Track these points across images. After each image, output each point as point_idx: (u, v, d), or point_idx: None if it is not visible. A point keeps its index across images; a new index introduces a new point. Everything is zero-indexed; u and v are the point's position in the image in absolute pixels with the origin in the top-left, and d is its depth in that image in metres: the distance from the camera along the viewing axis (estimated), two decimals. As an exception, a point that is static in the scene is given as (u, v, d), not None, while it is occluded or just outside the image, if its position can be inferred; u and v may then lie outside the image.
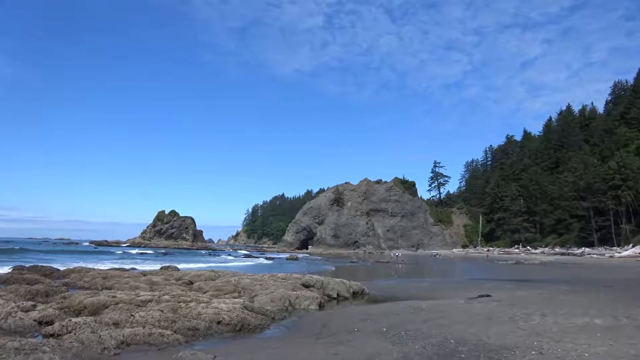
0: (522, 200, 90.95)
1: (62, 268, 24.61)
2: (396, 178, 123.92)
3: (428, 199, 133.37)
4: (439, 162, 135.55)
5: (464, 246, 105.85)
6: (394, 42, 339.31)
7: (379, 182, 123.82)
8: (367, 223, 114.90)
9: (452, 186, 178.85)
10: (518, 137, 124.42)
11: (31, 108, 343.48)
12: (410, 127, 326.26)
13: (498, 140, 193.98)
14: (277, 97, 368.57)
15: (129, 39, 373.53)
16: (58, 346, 7.52)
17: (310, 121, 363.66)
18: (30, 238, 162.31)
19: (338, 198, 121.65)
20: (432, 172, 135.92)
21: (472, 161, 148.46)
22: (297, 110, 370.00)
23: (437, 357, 6.95)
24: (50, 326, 9.40)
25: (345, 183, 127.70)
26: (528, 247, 79.43)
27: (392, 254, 77.92)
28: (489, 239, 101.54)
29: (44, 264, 27.08)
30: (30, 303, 11.43)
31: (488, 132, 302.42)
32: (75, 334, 8.37)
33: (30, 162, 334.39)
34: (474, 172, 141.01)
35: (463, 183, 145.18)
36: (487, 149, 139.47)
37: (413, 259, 67.05)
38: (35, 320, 10.16)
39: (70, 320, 9.39)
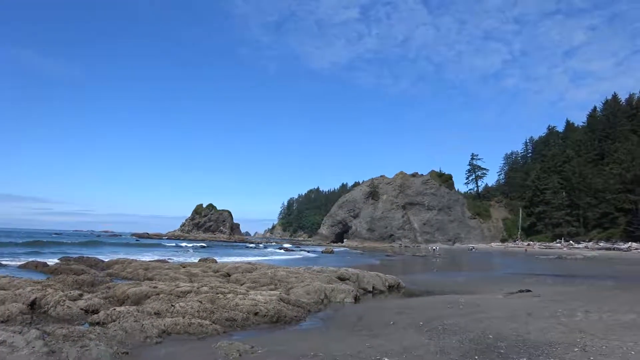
0: (564, 193, 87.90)
1: (106, 259, 25.58)
2: (432, 171, 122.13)
3: (465, 192, 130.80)
4: (477, 155, 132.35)
5: (503, 240, 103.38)
6: (431, 33, 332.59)
7: (414, 175, 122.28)
8: (402, 216, 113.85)
9: (491, 179, 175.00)
10: (560, 128, 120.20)
11: (77, 106, 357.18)
12: (447, 120, 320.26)
13: (539, 132, 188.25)
14: (312, 90, 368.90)
15: (166, 36, 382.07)
16: (103, 334, 7.83)
17: (346, 114, 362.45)
18: (77, 230, 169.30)
19: (373, 191, 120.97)
20: (469, 164, 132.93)
21: (512, 153, 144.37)
22: (333, 104, 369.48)
23: (475, 351, 6.84)
24: (96, 315, 9.80)
25: (381, 176, 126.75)
26: (571, 242, 76.84)
27: (429, 248, 77.04)
28: (530, 233, 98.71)
29: (89, 256, 28.22)
30: (77, 292, 11.95)
31: (528, 123, 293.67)
32: (119, 323, 8.70)
33: (77, 157, 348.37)
34: (513, 165, 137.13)
35: (502, 176, 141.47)
36: (528, 141, 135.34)
37: (450, 253, 66.10)
38: (82, 309, 10.62)
39: (115, 309, 9.76)
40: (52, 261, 23.89)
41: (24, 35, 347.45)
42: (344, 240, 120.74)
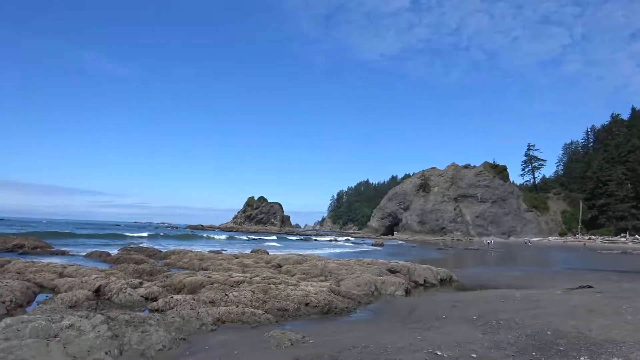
0: (629, 185, 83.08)
1: (163, 250, 26.65)
2: (486, 162, 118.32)
3: (521, 184, 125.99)
4: (534, 145, 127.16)
5: (562, 234, 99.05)
6: (485, 20, 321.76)
7: (467, 166, 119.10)
8: (454, 209, 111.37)
9: (548, 170, 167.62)
10: (625, 116, 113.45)
11: (136, 105, 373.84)
12: (501, 109, 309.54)
13: (601, 120, 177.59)
14: (362, 82, 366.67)
15: (217, 32, 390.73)
16: (162, 320, 8.18)
17: (396, 106, 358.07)
18: (136, 222, 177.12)
19: (424, 183, 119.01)
20: (525, 155, 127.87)
21: (572, 143, 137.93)
22: (383, 95, 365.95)
23: (532, 348, 6.61)
24: (155, 302, 10.25)
25: (432, 168, 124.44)
26: (637, 236, 72.56)
27: (483, 241, 75.08)
28: (591, 226, 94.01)
29: (148, 246, 29.50)
30: (137, 280, 12.54)
31: (589, 111, 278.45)
32: (176, 310, 9.05)
33: (136, 153, 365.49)
34: (573, 155, 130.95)
35: (561, 167, 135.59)
36: (589, 130, 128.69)
37: (505, 247, 64.08)
38: (142, 296, 11.13)
39: (172, 297, 10.17)
40: (113, 251, 25.17)
41: (85, 38, 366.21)
42: (394, 233, 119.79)
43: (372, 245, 61.94)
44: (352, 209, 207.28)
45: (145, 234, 58.21)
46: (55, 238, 40.84)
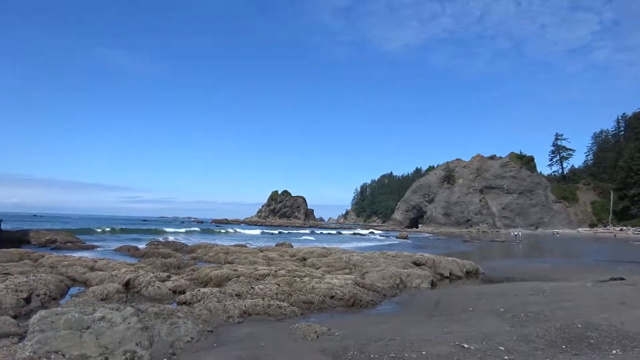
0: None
1: (189, 244, 27.07)
2: (512, 153, 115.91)
3: (548, 175, 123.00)
4: (562, 135, 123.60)
5: (592, 225, 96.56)
6: (511, 7, 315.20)
7: (492, 157, 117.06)
8: (480, 201, 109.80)
9: (577, 160, 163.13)
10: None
11: (161, 102, 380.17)
12: (528, 99, 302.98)
13: (633, 107, 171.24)
14: (384, 74, 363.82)
15: (239, 26, 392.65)
16: (190, 313, 8.33)
17: (419, 97, 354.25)
18: (162, 217, 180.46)
19: (449, 175, 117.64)
20: (553, 145, 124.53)
21: (602, 132, 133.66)
22: (405, 87, 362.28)
23: (562, 341, 6.49)
24: (182, 295, 10.44)
25: (456, 160, 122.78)
26: (671, 227, 70.31)
27: (511, 233, 73.86)
28: (622, 217, 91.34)
29: (174, 240, 30.01)
30: (165, 274, 12.79)
31: (621, 98, 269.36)
32: (204, 303, 9.20)
33: (162, 149, 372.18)
34: (603, 144, 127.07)
35: (590, 156, 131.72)
36: (620, 118, 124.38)
37: (532, 239, 62.94)
38: (170, 289, 11.35)
39: (199, 290, 10.34)
40: (141, 245, 25.71)
41: (111, 36, 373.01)
42: (419, 225, 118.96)
43: (396, 237, 61.66)
44: (375, 202, 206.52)
45: (171, 229, 59.20)
46: (86, 234, 41.94)
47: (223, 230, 65.13)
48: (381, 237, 62.50)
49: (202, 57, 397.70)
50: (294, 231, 75.14)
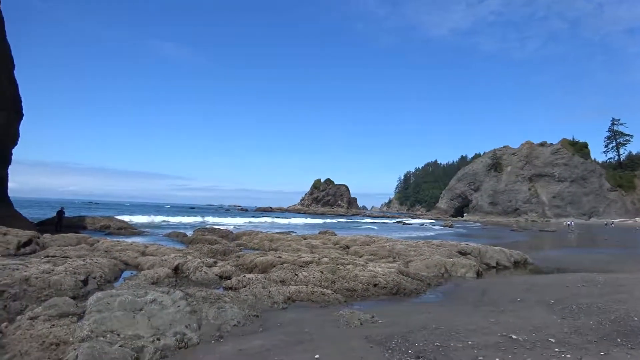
0: None
1: (235, 231, 27.66)
2: (564, 139, 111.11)
3: (603, 162, 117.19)
4: (618, 119, 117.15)
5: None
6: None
7: (543, 144, 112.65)
8: (529, 189, 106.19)
9: (635, 146, 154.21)
10: None
11: (207, 93, 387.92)
12: (582, 82, 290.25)
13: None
14: (430, 60, 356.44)
15: (284, 16, 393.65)
16: (236, 297, 8.54)
17: (465, 83, 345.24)
18: (209, 205, 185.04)
19: (496, 163, 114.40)
20: (609, 130, 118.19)
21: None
22: (452, 72, 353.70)
23: (617, 334, 6.22)
24: (228, 280, 10.70)
25: (504, 147, 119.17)
26: None
27: (563, 223, 71.19)
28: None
29: (220, 227, 30.75)
30: (212, 260, 13.14)
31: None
32: (249, 288, 9.40)
33: (208, 139, 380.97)
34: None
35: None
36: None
37: (585, 228, 60.38)
38: (216, 275, 11.66)
39: (245, 276, 10.56)
40: (188, 232, 26.50)
41: (162, 29, 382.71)
42: (464, 214, 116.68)
43: (442, 226, 60.87)
44: (419, 190, 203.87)
45: (217, 218, 60.52)
46: (137, 220, 43.64)
47: (268, 219, 66.07)
48: (426, 226, 61.78)
49: (246, 46, 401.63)
50: (362, 220, 75.03)
